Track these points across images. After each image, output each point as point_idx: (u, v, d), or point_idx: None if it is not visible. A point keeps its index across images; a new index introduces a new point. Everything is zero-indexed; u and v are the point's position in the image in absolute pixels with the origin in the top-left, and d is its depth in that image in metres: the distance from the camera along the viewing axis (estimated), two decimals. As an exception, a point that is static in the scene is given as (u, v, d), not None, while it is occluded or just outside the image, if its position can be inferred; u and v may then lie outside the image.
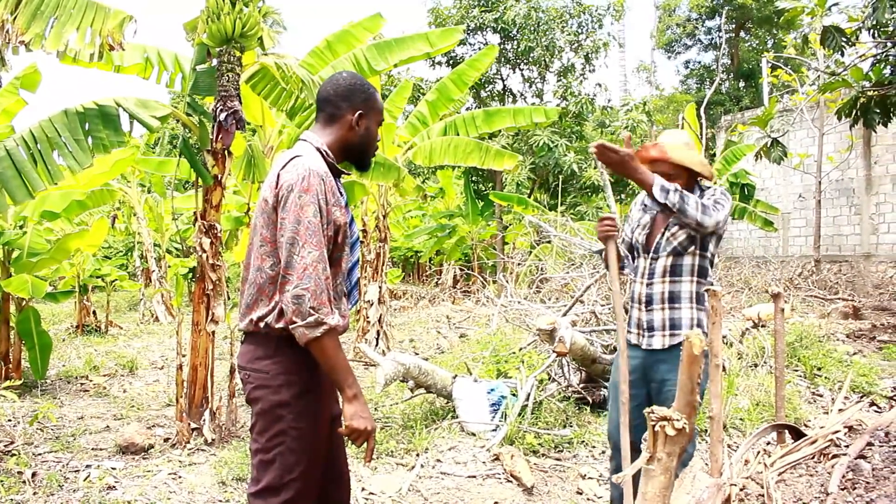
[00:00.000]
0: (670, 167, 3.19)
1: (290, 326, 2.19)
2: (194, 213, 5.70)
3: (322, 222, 2.23)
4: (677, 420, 1.67)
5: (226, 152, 5.57)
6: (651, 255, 3.26)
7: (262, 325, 2.30)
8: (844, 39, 7.29)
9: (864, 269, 16.12)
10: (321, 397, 2.37)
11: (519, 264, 13.56)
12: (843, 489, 2.73)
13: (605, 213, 3.27)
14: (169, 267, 14.99)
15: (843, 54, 7.62)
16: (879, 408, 6.22)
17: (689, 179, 3.25)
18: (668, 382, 3.14)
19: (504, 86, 19.63)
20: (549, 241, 11.56)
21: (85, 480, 4.62)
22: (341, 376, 2.23)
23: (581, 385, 6.19)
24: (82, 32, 4.82)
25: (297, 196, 2.20)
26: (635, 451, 3.32)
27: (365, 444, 2.30)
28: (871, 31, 7.48)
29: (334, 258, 2.35)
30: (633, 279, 3.39)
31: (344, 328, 2.43)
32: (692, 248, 3.18)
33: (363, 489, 4.41)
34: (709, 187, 3.31)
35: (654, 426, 1.72)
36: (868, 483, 2.75)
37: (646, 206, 3.40)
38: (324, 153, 2.38)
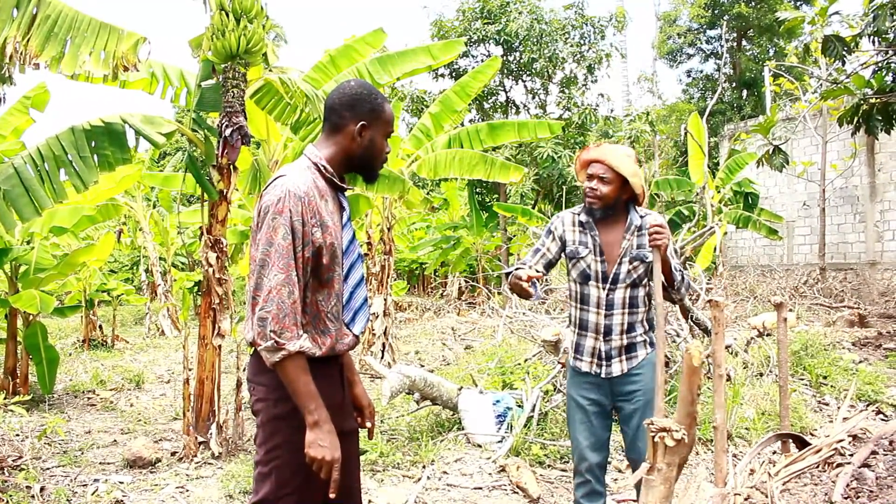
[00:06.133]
0: (605, 169, 3.15)
1: (257, 348, 2.19)
2: (200, 227, 5.74)
3: (295, 244, 2.18)
4: (676, 431, 1.69)
5: (231, 167, 5.62)
6: (609, 285, 3.20)
7: None
8: (845, 48, 7.32)
9: (870, 277, 16.10)
10: None
11: (524, 275, 13.54)
12: (846, 498, 2.74)
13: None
14: (174, 281, 15.05)
15: (844, 62, 7.65)
16: (886, 416, 6.20)
17: (621, 189, 3.18)
18: (637, 393, 3.16)
19: (507, 97, 19.70)
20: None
21: (93, 495, 4.64)
22: (302, 402, 2.17)
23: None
24: (97, 54, 4.88)
25: (270, 218, 2.18)
26: (602, 469, 3.33)
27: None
28: (872, 38, 7.51)
29: (325, 279, 2.31)
30: (580, 307, 3.29)
31: (349, 346, 2.42)
32: (646, 280, 3.22)
33: (370, 501, 4.42)
34: (647, 213, 3.27)
35: (653, 437, 1.73)
36: (871, 492, 2.76)
37: (583, 224, 3.28)
38: (321, 168, 2.33)
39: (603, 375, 3.23)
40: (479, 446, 5.45)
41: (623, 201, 3.24)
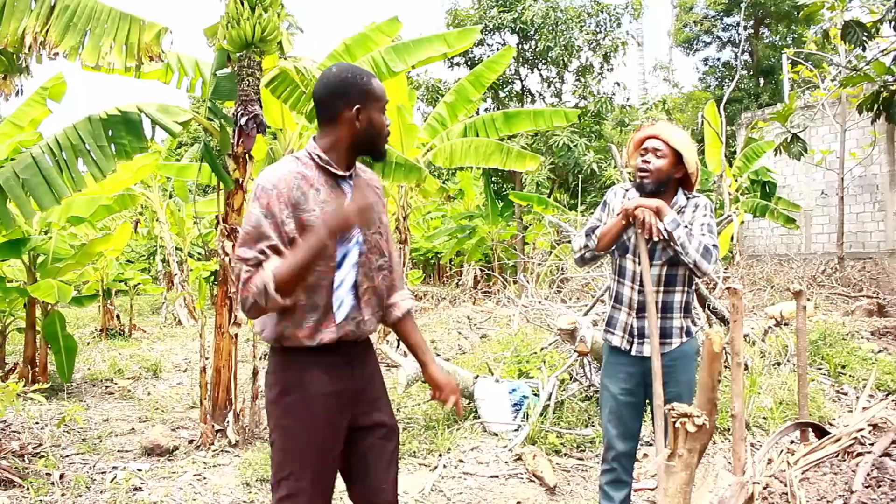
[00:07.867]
0: (660, 143, 3.10)
1: (250, 317, 2.28)
2: (216, 216, 5.76)
3: (264, 231, 2.20)
4: (697, 417, 1.68)
5: (247, 156, 5.62)
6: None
7: None
8: (865, 34, 7.23)
9: (889, 266, 15.92)
10: (310, 399, 2.30)
11: (539, 264, 13.56)
12: (867, 487, 2.71)
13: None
14: (191, 270, 15.13)
15: (864, 49, 7.55)
16: (905, 405, 6.15)
17: (674, 166, 3.12)
18: (668, 385, 3.05)
19: (522, 86, 19.61)
20: (569, 241, 11.54)
21: (112, 482, 4.68)
22: (304, 254, 2.18)
23: (602, 385, 6.17)
24: (119, 45, 4.90)
25: (248, 207, 2.28)
26: (629, 459, 3.30)
27: None
28: (893, 24, 7.40)
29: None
30: (619, 280, 3.25)
31: (336, 336, 2.33)
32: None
33: (386, 489, 4.43)
34: (695, 196, 3.19)
35: (674, 423, 1.72)
36: (893, 481, 2.73)
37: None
38: (315, 157, 2.33)
39: (633, 353, 3.18)
40: (496, 435, 5.45)
41: (675, 181, 3.19)
